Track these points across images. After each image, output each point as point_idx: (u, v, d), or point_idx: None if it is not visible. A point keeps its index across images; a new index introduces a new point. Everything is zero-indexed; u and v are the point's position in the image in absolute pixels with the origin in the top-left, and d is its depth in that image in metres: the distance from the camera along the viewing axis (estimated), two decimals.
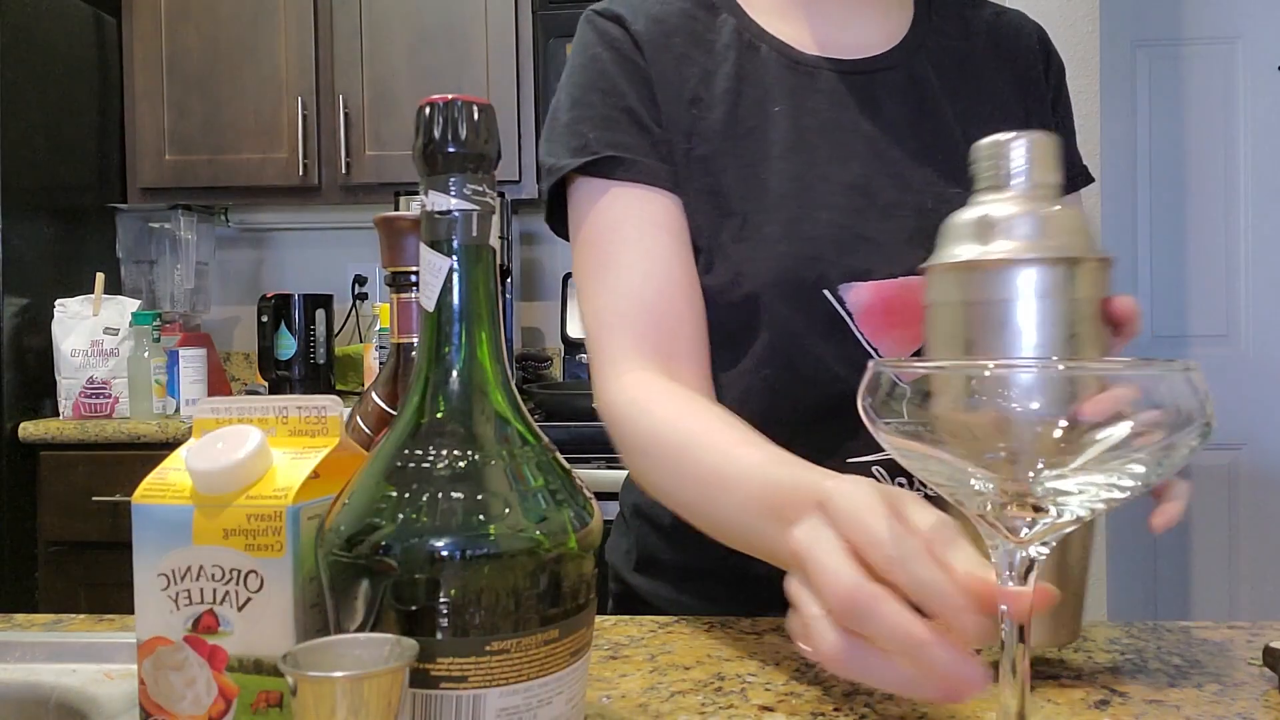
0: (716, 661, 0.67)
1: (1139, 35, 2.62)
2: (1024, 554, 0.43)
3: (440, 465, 0.43)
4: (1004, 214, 0.61)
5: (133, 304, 2.44)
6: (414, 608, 0.42)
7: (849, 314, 0.81)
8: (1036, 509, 0.41)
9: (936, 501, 0.49)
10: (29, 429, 2.27)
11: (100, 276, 2.40)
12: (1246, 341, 2.62)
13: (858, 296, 0.81)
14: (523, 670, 0.43)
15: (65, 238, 2.51)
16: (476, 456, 0.44)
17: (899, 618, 0.43)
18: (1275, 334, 2.61)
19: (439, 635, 0.42)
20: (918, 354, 0.80)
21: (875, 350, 0.81)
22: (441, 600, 0.41)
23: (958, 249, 0.63)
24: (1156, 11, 2.62)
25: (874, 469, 0.81)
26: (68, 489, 2.27)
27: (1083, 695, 0.61)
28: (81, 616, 0.79)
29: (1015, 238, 0.61)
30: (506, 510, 0.43)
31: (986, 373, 0.40)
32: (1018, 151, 0.62)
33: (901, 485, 0.78)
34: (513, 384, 0.48)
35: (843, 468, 0.64)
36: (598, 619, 0.72)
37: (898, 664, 0.44)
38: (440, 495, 0.43)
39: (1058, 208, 0.62)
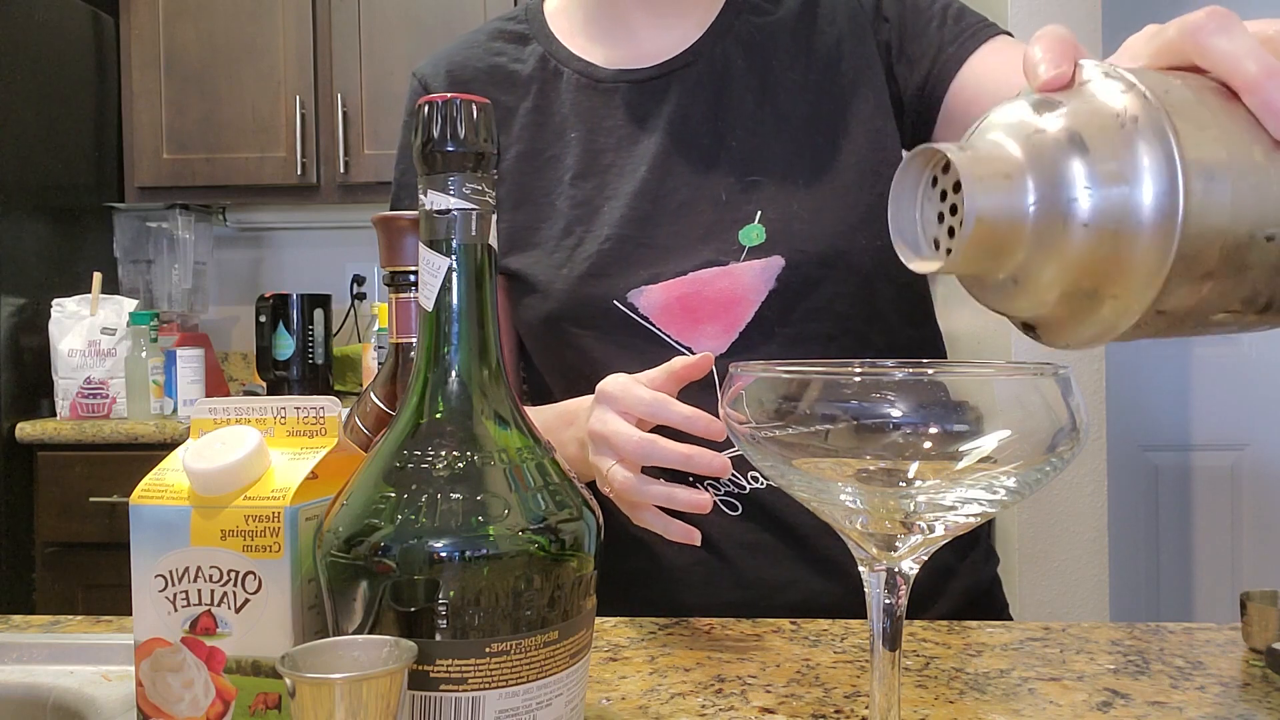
0: (717, 663, 0.67)
1: None
2: (897, 570, 0.41)
3: (439, 466, 0.43)
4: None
5: (130, 304, 2.43)
6: (413, 609, 0.41)
7: (644, 318, 0.82)
8: (908, 525, 0.39)
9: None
10: (26, 429, 2.27)
11: (97, 276, 2.40)
12: (1249, 342, 2.62)
13: (649, 299, 0.82)
14: (522, 672, 0.42)
15: (62, 237, 2.51)
16: (475, 457, 0.44)
17: (671, 446, 0.65)
18: (1278, 334, 2.60)
19: (438, 637, 0.41)
20: (736, 344, 0.81)
21: (690, 350, 0.81)
22: (440, 602, 0.41)
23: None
24: (1159, 10, 2.62)
25: (707, 483, 0.82)
26: (65, 489, 2.27)
27: (1085, 697, 0.61)
28: (79, 618, 0.79)
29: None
30: (506, 511, 0.43)
31: (855, 378, 0.38)
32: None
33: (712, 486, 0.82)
34: (512, 384, 0.47)
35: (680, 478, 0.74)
36: (597, 620, 0.72)
37: (661, 486, 0.65)
38: (439, 496, 0.42)
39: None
